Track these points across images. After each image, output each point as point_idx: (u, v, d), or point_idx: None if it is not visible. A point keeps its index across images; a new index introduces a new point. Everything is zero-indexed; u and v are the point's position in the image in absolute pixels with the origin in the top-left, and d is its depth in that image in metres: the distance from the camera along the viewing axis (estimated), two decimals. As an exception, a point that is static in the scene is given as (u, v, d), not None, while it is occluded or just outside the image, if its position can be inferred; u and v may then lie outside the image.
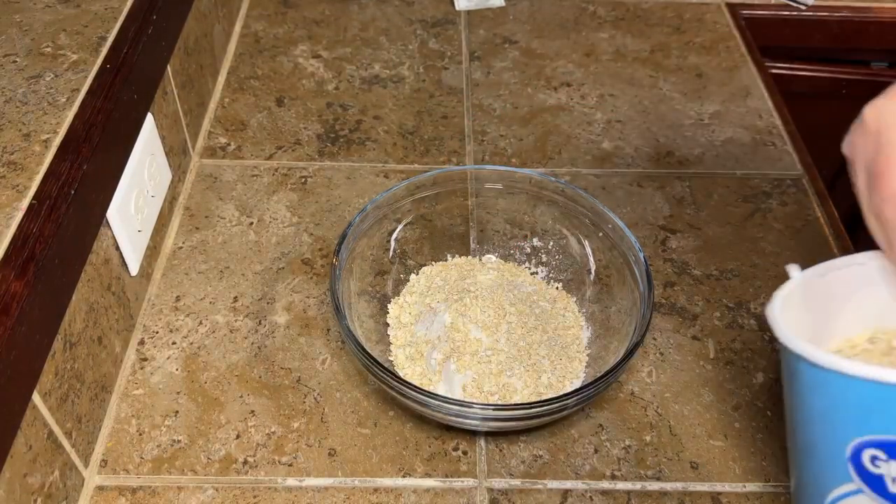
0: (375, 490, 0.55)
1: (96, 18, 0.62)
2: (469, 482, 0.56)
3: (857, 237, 0.91)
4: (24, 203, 0.48)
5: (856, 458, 0.36)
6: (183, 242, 0.71)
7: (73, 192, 0.49)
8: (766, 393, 0.61)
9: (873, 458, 0.35)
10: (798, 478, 0.43)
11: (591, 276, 0.65)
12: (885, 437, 0.34)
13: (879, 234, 0.43)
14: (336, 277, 0.58)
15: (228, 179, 0.77)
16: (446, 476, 0.56)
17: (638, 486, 0.56)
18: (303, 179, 0.77)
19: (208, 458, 0.56)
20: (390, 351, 0.62)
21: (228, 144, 0.80)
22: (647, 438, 0.59)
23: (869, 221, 0.43)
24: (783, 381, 0.43)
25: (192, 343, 0.63)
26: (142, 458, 0.56)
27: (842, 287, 0.45)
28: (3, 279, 0.44)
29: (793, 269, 0.45)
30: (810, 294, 0.45)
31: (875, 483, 0.35)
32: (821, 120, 0.87)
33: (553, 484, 0.56)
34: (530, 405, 0.52)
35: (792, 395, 0.42)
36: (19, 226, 0.47)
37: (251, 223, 0.73)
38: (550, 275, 0.68)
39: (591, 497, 0.55)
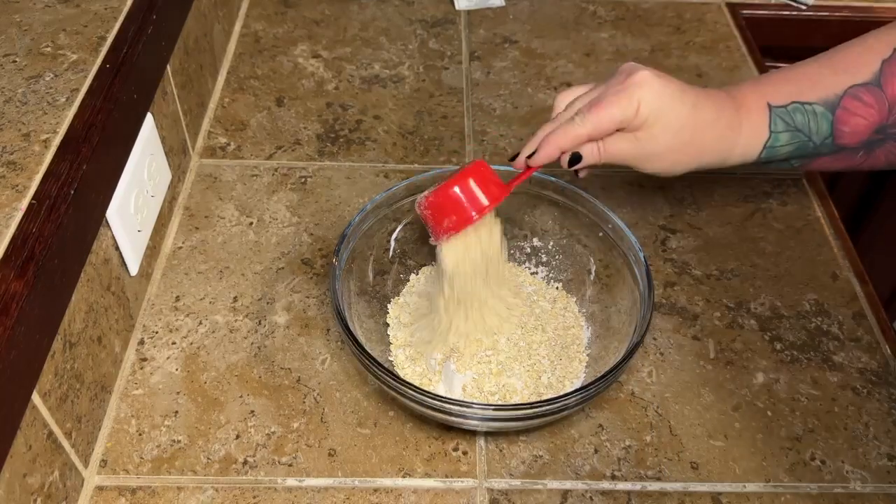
0: (375, 490, 0.55)
1: (96, 18, 0.62)
2: (469, 482, 0.56)
3: (857, 237, 0.91)
4: (24, 203, 0.48)
5: None
6: (183, 242, 0.71)
7: (72, 192, 0.49)
8: (766, 393, 0.61)
9: None
10: None
11: (591, 276, 0.65)
12: None
13: None
14: (336, 277, 0.58)
15: (228, 179, 0.77)
16: (446, 476, 0.56)
17: (638, 486, 0.56)
18: (303, 179, 0.77)
19: (208, 459, 0.56)
20: (390, 351, 0.62)
21: (228, 144, 0.80)
22: (647, 438, 0.58)
23: None
24: None
25: (191, 343, 0.63)
26: (141, 458, 0.56)
27: None
28: (3, 279, 0.44)
29: None
30: None
31: None
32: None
33: (553, 484, 0.56)
34: (530, 405, 0.52)
35: None
36: (19, 226, 0.47)
37: (251, 223, 0.73)
38: (550, 275, 0.67)
39: (591, 497, 0.55)
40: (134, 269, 0.62)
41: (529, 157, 0.58)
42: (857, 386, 0.62)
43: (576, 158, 0.58)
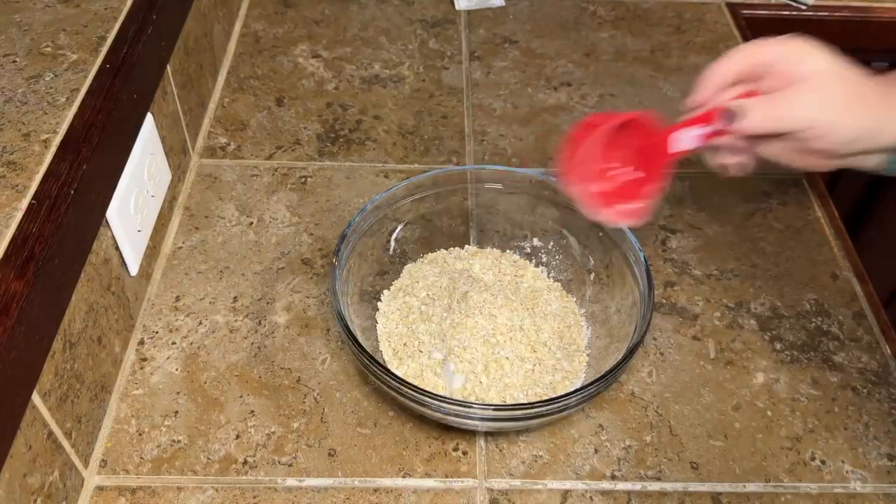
0: (375, 490, 0.55)
1: (96, 18, 0.62)
2: (469, 482, 0.56)
3: (857, 237, 0.91)
4: (24, 203, 0.48)
5: None
6: (183, 242, 0.71)
7: (72, 192, 0.49)
8: (766, 393, 0.61)
9: None
10: None
11: (591, 276, 0.65)
12: None
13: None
14: (336, 277, 0.58)
15: (228, 179, 0.77)
16: (446, 476, 0.56)
17: (638, 486, 0.56)
18: (303, 179, 0.77)
19: (208, 459, 0.56)
20: (380, 350, 0.62)
21: (228, 144, 0.80)
22: (647, 438, 0.58)
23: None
24: None
25: (191, 343, 0.63)
26: (141, 458, 0.56)
27: None
28: (3, 279, 0.44)
29: None
30: None
31: None
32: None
33: (553, 484, 0.56)
34: (530, 405, 0.52)
35: None
36: (19, 226, 0.47)
37: (251, 223, 0.73)
38: (550, 275, 0.67)
39: (591, 497, 0.55)
40: (134, 269, 0.62)
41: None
42: (857, 386, 0.62)
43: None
